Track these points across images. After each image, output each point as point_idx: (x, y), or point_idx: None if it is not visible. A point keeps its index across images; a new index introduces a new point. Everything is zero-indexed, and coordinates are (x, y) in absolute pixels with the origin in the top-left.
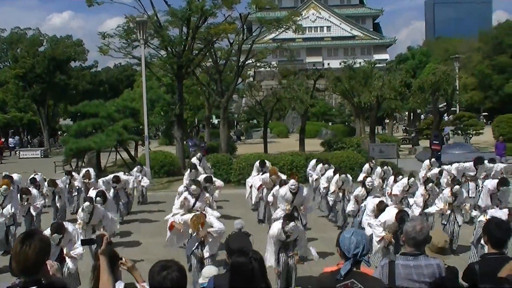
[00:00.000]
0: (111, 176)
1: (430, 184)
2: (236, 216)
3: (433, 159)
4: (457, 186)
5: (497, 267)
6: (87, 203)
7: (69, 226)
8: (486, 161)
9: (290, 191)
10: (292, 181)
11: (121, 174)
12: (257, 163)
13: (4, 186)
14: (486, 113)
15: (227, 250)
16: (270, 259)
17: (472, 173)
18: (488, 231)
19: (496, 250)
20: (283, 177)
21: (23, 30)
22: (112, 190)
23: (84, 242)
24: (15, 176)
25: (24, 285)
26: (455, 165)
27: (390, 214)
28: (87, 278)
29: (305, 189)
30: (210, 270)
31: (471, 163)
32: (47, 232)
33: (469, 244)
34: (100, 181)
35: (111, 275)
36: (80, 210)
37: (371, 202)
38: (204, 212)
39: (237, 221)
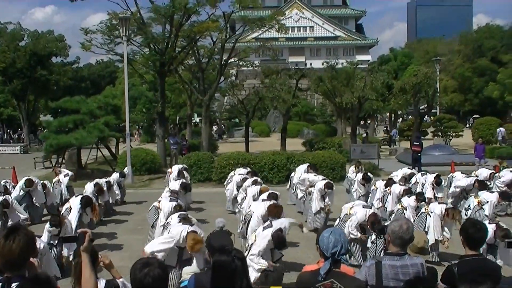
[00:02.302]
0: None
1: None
2: (217, 215)
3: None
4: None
5: (475, 268)
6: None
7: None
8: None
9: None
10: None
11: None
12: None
13: None
14: (477, 116)
15: (209, 248)
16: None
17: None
18: (465, 231)
19: (473, 251)
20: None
21: (4, 24)
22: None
23: (65, 240)
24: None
25: (7, 281)
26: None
27: None
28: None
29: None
30: (190, 269)
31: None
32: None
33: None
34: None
35: (94, 272)
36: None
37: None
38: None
39: (218, 220)
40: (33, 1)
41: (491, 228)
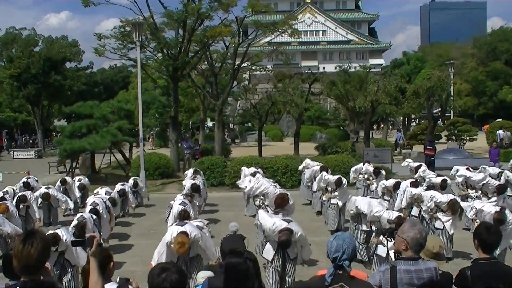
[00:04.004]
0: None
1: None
2: (230, 219)
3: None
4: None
5: (488, 272)
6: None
7: (63, 233)
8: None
9: None
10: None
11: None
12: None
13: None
14: (500, 119)
15: (221, 252)
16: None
17: None
18: (479, 235)
19: (487, 255)
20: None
21: (18, 30)
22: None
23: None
24: (9, 188)
25: (23, 285)
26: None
27: None
28: None
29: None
30: (205, 273)
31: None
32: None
33: (461, 249)
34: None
35: (101, 276)
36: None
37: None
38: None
39: (231, 224)
40: (48, 7)
41: (494, 210)
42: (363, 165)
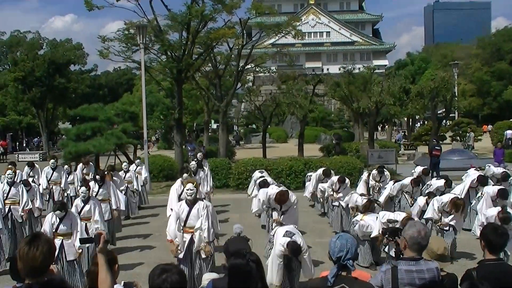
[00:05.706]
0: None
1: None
2: (234, 221)
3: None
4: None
5: (495, 273)
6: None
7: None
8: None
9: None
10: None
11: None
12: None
13: (9, 172)
14: None
15: (226, 254)
16: (272, 277)
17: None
18: (485, 236)
19: (493, 256)
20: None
21: (23, 33)
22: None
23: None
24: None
25: (29, 287)
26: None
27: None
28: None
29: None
30: (209, 275)
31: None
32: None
33: (466, 250)
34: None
35: (110, 273)
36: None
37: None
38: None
39: (236, 226)
40: (53, 10)
41: (496, 210)
42: (368, 176)
